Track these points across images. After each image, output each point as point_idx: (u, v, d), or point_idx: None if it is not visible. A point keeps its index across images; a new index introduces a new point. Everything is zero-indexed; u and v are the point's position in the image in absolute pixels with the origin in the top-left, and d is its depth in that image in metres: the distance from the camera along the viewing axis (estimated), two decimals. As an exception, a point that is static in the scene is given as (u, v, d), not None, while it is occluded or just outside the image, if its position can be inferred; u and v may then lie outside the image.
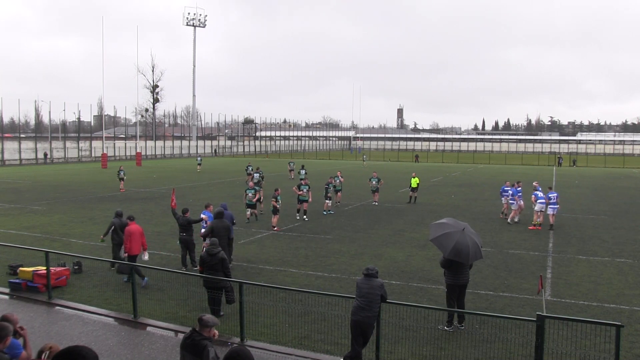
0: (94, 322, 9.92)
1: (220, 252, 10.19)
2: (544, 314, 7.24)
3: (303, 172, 37.42)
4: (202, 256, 10.51)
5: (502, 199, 22.89)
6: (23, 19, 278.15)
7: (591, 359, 8.26)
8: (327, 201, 23.40)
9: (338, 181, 25.64)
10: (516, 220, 21.22)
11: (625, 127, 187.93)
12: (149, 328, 9.67)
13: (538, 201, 20.10)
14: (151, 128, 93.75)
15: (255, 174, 32.75)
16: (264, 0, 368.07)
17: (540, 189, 21.04)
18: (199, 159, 54.13)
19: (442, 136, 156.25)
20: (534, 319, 7.15)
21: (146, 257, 12.53)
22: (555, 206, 20.13)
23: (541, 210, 20.06)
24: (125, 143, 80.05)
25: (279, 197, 19.75)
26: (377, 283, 7.85)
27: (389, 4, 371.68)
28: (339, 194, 25.86)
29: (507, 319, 9.20)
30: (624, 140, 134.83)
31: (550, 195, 20.18)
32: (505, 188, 22.62)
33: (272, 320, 9.73)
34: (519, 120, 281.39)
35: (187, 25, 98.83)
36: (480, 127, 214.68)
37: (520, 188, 21.61)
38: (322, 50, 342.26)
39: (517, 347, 8.58)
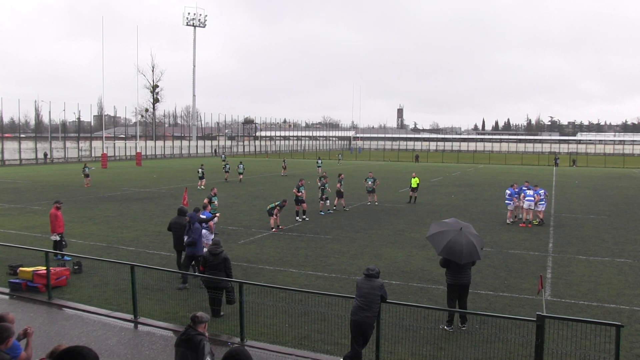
0: (94, 322, 9.92)
1: (223, 252, 10.21)
2: (544, 314, 7.24)
3: (319, 161, 46.87)
4: (204, 256, 10.53)
5: (524, 202, 20.95)
6: (40, 23, 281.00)
7: (591, 359, 8.27)
8: (321, 202, 23.38)
9: (339, 184, 24.42)
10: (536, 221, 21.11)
11: (625, 127, 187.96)
12: (149, 328, 9.67)
13: (526, 199, 20.85)
14: (151, 128, 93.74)
15: (199, 170, 35.63)
16: (265, 4, 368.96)
17: (521, 187, 21.51)
18: (222, 156, 55.81)
19: (442, 136, 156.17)
20: (534, 319, 7.15)
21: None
22: (532, 201, 20.66)
23: (530, 208, 20.66)
24: (125, 143, 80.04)
25: (301, 188, 21.34)
26: (378, 283, 7.84)
27: (387, 8, 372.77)
28: (339, 199, 24.46)
29: (507, 319, 9.21)
30: (624, 140, 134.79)
31: (528, 192, 20.86)
32: (527, 191, 21.02)
33: (272, 320, 9.73)
34: (518, 120, 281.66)
35: (187, 25, 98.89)
36: (480, 127, 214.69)
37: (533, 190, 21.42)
38: (323, 52, 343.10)
39: (517, 347, 8.58)
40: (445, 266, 9.79)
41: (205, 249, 12.92)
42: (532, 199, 20.58)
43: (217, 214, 16.21)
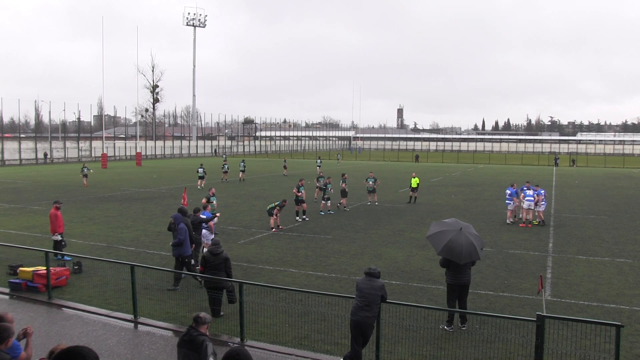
0: (94, 322, 9.92)
1: (224, 252, 10.22)
2: (544, 314, 7.24)
3: (319, 160, 47.49)
4: (204, 256, 10.53)
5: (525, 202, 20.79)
6: (40, 23, 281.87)
7: (591, 359, 8.26)
8: (323, 202, 23.39)
9: (344, 184, 24.78)
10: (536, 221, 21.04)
11: (625, 127, 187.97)
12: (149, 328, 9.67)
13: (526, 199, 20.78)
14: (151, 128, 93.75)
15: (199, 169, 35.34)
16: (265, 4, 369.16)
17: (525, 187, 21.45)
18: (223, 156, 55.89)
19: (442, 136, 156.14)
20: (534, 319, 7.15)
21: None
22: (532, 201, 20.63)
23: (529, 208, 20.63)
24: (125, 143, 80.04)
25: (301, 188, 21.35)
26: (378, 284, 7.84)
27: (387, 8, 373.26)
28: (342, 199, 24.83)
29: (507, 319, 9.21)
30: (624, 140, 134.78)
31: (528, 192, 20.83)
32: (528, 191, 20.93)
33: (272, 320, 9.73)
34: (519, 120, 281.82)
35: (187, 25, 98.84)
36: (480, 127, 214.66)
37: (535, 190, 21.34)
38: (323, 52, 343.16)
39: (517, 347, 8.58)
40: (445, 266, 9.80)
41: (205, 249, 12.96)
42: (532, 199, 20.58)
43: (218, 214, 16.22)
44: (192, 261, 13.23)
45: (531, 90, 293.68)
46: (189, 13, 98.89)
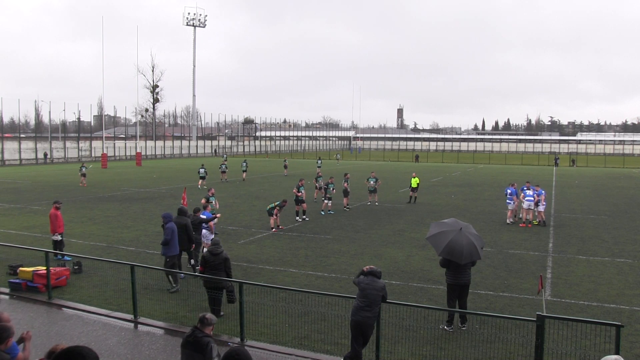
0: (94, 322, 9.92)
1: (223, 252, 10.22)
2: (544, 314, 7.24)
3: (319, 161, 47.46)
4: (204, 256, 10.53)
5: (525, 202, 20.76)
6: (40, 23, 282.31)
7: (591, 359, 8.26)
8: (325, 201, 23.39)
9: (346, 184, 24.99)
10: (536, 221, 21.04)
11: (625, 127, 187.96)
12: (149, 328, 9.67)
13: (526, 199, 20.76)
14: (151, 128, 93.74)
15: (200, 169, 35.34)
16: (265, 4, 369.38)
17: (525, 187, 21.44)
18: (224, 156, 55.97)
19: (442, 136, 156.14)
20: (534, 319, 7.15)
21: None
22: (532, 201, 20.63)
23: (529, 208, 20.61)
24: (125, 143, 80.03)
25: (301, 188, 21.43)
26: (380, 284, 7.86)
27: (387, 8, 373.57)
28: (345, 198, 24.99)
29: (507, 319, 9.22)
30: (624, 140, 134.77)
31: (527, 192, 20.82)
32: (528, 191, 20.99)
33: (272, 320, 9.73)
34: (519, 120, 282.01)
35: (187, 25, 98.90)
36: (480, 127, 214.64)
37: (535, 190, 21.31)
38: (323, 52, 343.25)
39: (517, 347, 8.58)
40: (445, 266, 9.80)
41: (205, 249, 12.95)
42: (532, 199, 20.59)
43: (219, 215, 16.22)
44: (192, 261, 13.26)
45: (531, 90, 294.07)
46: (189, 13, 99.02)
